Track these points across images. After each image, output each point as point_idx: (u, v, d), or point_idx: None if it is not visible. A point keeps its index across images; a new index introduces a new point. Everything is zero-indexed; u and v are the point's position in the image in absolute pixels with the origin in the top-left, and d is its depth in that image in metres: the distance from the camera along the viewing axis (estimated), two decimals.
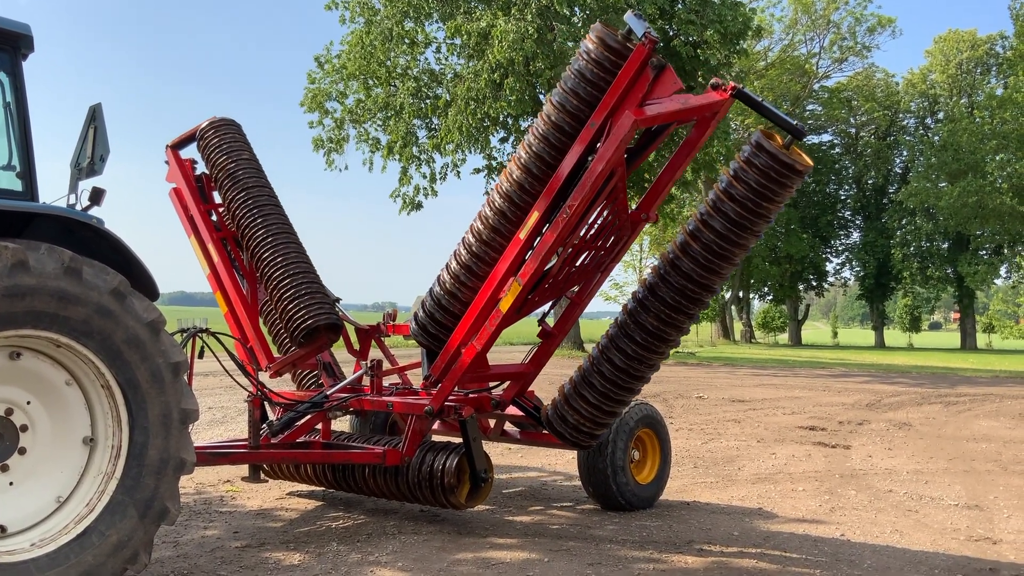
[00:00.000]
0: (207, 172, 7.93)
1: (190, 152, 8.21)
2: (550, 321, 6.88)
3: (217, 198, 7.95)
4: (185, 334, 6.28)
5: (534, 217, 5.95)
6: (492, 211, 6.20)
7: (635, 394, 6.42)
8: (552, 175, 5.96)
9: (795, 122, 5.59)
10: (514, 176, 6.11)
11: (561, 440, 6.55)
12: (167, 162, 8.15)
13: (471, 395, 6.80)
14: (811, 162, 5.63)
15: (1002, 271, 59.33)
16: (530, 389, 7.20)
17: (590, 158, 5.81)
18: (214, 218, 7.94)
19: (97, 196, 5.03)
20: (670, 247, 5.96)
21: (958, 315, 67.52)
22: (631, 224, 6.35)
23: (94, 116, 5.12)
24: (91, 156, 5.08)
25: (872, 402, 17.33)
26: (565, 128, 5.93)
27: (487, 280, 6.22)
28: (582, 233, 6.17)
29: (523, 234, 6.01)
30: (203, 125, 7.94)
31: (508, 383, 7.04)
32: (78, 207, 5.07)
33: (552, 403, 6.56)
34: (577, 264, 6.44)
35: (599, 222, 6.22)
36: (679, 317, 5.93)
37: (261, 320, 7.84)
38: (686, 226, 5.89)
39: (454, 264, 6.40)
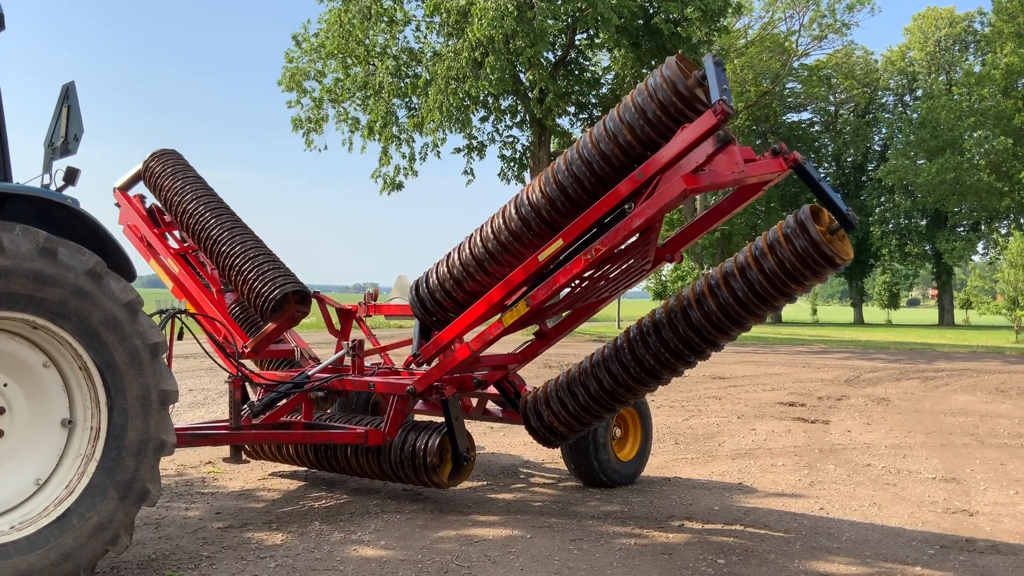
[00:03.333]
0: (156, 203, 8.13)
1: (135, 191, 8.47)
2: (549, 323, 6.77)
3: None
4: (163, 315, 6.23)
5: (557, 244, 5.65)
6: (518, 216, 5.86)
7: (615, 413, 6.42)
8: (587, 200, 5.58)
9: (847, 209, 5.20)
10: (548, 189, 5.73)
11: (531, 434, 6.55)
12: (117, 204, 8.29)
13: (453, 375, 6.78)
14: (852, 254, 5.30)
15: (979, 247, 59.94)
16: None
17: (628, 206, 5.48)
18: (172, 243, 8.08)
19: (72, 176, 4.97)
20: (686, 292, 5.73)
21: (936, 291, 68.15)
22: (654, 261, 6.12)
23: (67, 94, 5.05)
24: (65, 135, 5.01)
25: (851, 378, 17.49)
26: (612, 160, 5.49)
27: (497, 286, 6.00)
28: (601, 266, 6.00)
29: (543, 256, 5.74)
30: (147, 159, 8.13)
31: None
32: (52, 187, 5.01)
33: (532, 395, 6.52)
34: (589, 288, 6.30)
35: (622, 260, 6.02)
36: (677, 363, 5.80)
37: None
38: (708, 278, 5.62)
39: (466, 252, 6.15)
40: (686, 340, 5.65)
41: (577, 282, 6.12)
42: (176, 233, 8.15)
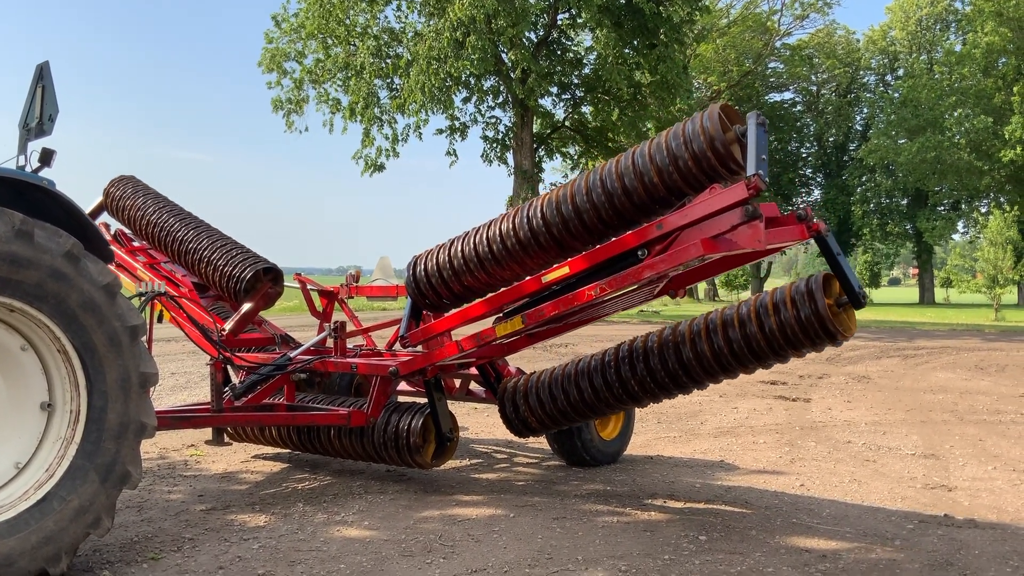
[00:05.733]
0: (121, 228, 8.34)
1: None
2: None
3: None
4: (143, 298, 6.19)
5: (563, 271, 5.58)
6: (529, 227, 5.68)
7: (590, 420, 6.45)
8: (601, 229, 5.47)
9: (860, 288, 5.09)
10: (564, 209, 5.54)
11: (504, 422, 6.53)
12: None
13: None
14: (855, 330, 5.24)
15: (959, 226, 60.36)
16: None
17: (641, 252, 5.33)
18: (142, 259, 8.20)
19: (47, 157, 4.92)
20: (683, 328, 5.66)
21: (917, 270, 68.64)
22: (657, 293, 6.08)
23: (41, 75, 4.99)
24: (40, 116, 4.96)
25: (832, 356, 17.60)
26: (633, 197, 5.30)
27: (498, 293, 5.98)
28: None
29: (547, 279, 5.67)
30: (105, 187, 8.35)
31: None
32: (28, 168, 4.96)
33: (513, 384, 6.50)
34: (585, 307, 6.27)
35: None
36: (660, 393, 5.81)
37: None
38: (708, 319, 5.55)
39: (470, 247, 6.01)
40: (673, 375, 5.64)
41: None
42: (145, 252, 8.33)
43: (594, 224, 5.46)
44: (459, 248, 6.09)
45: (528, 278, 5.83)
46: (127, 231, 8.33)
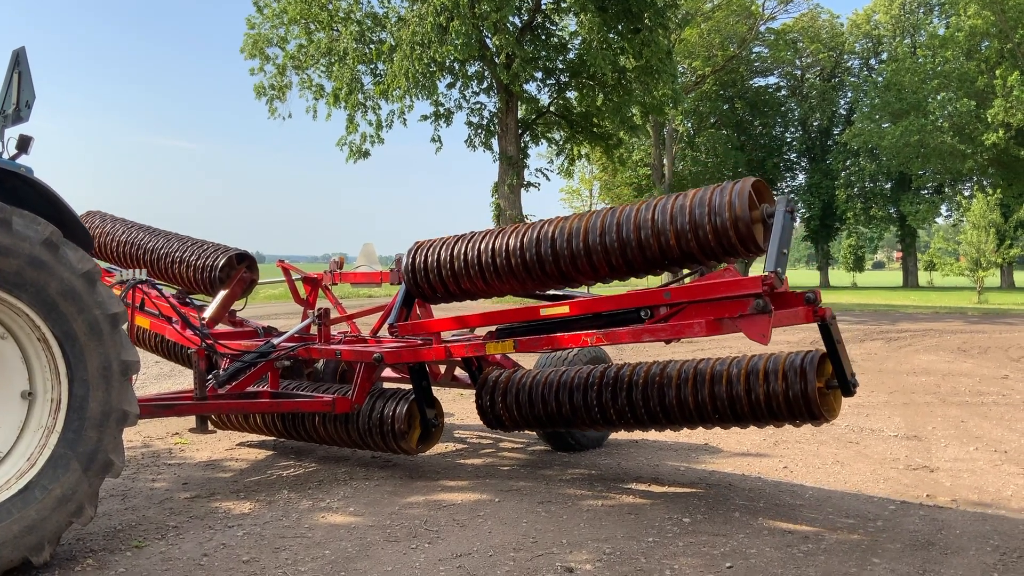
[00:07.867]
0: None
1: None
2: None
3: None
4: (124, 286, 6.16)
5: (564, 309, 5.65)
6: (536, 251, 5.65)
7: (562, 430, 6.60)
8: (608, 272, 5.49)
9: (853, 376, 5.16)
10: (574, 244, 5.50)
11: (479, 412, 6.55)
12: None
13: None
14: (838, 413, 5.31)
15: (943, 209, 60.73)
16: None
17: (644, 312, 5.38)
18: None
19: (24, 144, 4.87)
20: (671, 369, 5.64)
21: (900, 254, 69.03)
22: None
23: (18, 61, 4.93)
24: (16, 103, 4.91)
25: (816, 339, 17.63)
26: (646, 252, 5.28)
27: (497, 311, 6.05)
28: None
29: (545, 312, 5.73)
30: None
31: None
32: (5, 156, 4.91)
33: (495, 377, 6.50)
34: None
35: None
36: (635, 425, 5.86)
37: None
38: (697, 368, 5.53)
39: (473, 253, 5.99)
40: (652, 413, 5.68)
41: None
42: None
43: (602, 266, 5.49)
44: (463, 250, 6.07)
45: (526, 306, 5.92)
46: (101, 264, 8.34)
